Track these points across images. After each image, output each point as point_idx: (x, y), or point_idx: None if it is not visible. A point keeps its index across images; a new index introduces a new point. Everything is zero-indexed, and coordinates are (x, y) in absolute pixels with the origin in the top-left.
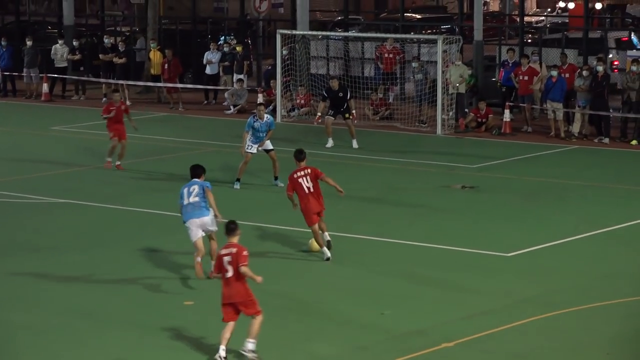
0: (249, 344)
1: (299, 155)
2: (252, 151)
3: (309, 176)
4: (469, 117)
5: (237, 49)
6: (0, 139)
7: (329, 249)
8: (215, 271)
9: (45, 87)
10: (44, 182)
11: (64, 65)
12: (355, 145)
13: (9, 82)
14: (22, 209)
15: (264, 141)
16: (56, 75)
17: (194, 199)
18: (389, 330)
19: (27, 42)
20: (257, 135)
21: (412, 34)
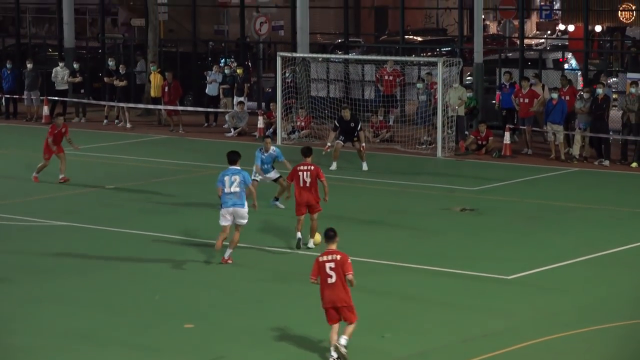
0: (342, 340)
1: (306, 151)
2: (256, 178)
3: (310, 172)
4: (469, 140)
5: (238, 71)
6: (0, 161)
7: (298, 247)
8: (313, 276)
9: (45, 109)
10: (44, 204)
11: (65, 87)
12: (365, 167)
13: (11, 104)
14: (22, 231)
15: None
16: (57, 97)
17: (235, 189)
18: (389, 353)
19: (27, 65)
20: (263, 167)
21: (412, 56)
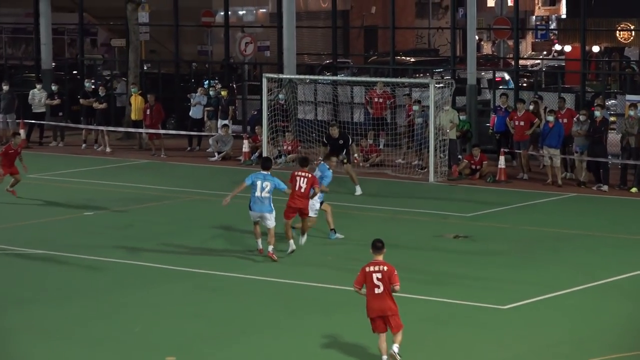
0: (395, 348)
1: (303, 162)
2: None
3: (306, 179)
4: (463, 164)
5: (222, 93)
6: None
7: (292, 252)
8: (358, 285)
9: (22, 133)
10: (19, 232)
11: (42, 110)
12: (358, 191)
13: None
14: None
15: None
16: (34, 121)
17: (265, 195)
18: None
19: (3, 87)
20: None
21: (405, 77)
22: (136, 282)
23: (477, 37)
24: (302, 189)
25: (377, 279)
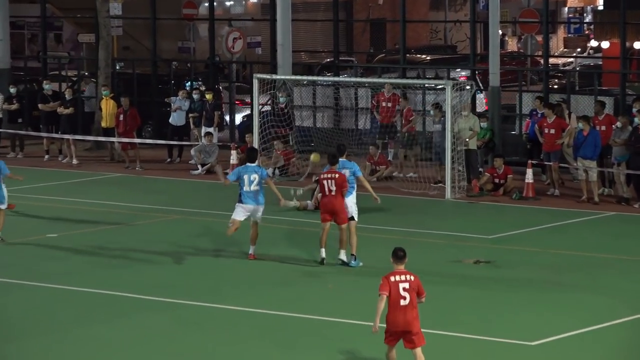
0: None
1: (332, 159)
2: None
3: (334, 180)
4: (484, 178)
5: (207, 96)
6: None
7: (322, 262)
8: (385, 291)
9: None
10: None
11: None
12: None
13: None
14: None
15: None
16: None
17: (255, 188)
18: None
19: None
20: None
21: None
22: (106, 314)
23: (500, 32)
24: (333, 192)
25: (404, 289)
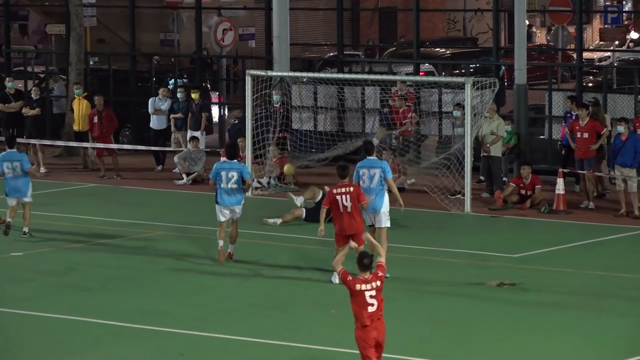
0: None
1: (342, 171)
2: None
3: (349, 195)
4: (509, 189)
5: (193, 96)
6: None
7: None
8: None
9: None
10: None
11: None
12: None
13: None
14: None
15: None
16: None
17: (233, 186)
18: None
19: None
20: None
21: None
22: (79, 344)
23: (527, 23)
24: (349, 208)
25: (371, 297)
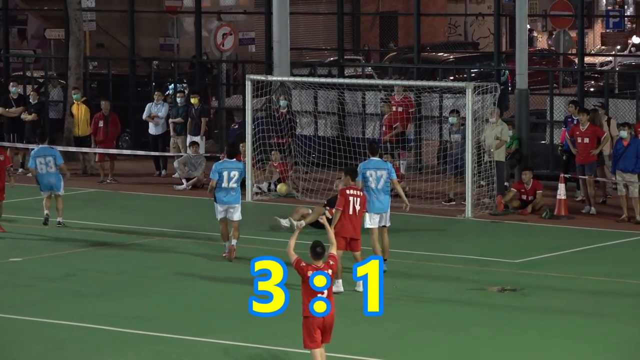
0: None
1: (354, 174)
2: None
3: (359, 198)
4: (510, 194)
5: (193, 101)
6: None
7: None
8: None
9: None
10: None
11: None
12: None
13: None
14: None
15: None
16: None
17: (233, 185)
18: None
19: None
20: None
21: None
22: (78, 350)
23: (528, 27)
24: (357, 212)
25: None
